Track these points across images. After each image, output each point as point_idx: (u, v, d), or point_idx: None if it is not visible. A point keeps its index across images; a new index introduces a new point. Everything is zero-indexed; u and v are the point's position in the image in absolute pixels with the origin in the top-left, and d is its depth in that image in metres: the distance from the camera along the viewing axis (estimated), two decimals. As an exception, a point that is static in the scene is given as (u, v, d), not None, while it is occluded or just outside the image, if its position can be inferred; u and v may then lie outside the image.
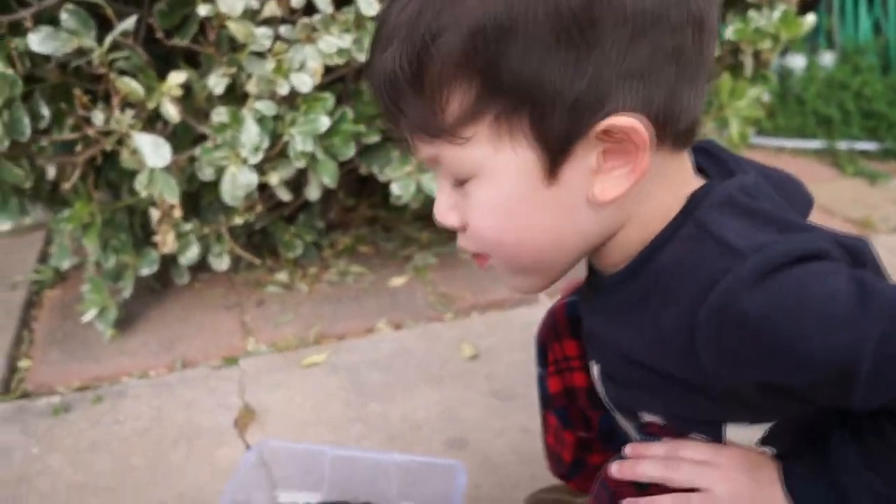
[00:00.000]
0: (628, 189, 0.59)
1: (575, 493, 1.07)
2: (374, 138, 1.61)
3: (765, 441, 0.65)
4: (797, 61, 3.16)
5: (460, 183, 0.62)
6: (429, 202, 1.80)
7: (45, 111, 1.38)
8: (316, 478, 1.07)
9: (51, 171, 1.69)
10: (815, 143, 2.85)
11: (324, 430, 1.35)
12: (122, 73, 1.34)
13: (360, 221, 2.19)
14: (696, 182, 0.64)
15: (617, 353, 0.69)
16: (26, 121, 1.31)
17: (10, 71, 1.26)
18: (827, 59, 3.14)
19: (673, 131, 0.59)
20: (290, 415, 1.39)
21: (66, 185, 1.46)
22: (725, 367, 0.57)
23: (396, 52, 0.57)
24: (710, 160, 0.68)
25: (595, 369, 0.76)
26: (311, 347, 1.61)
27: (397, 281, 1.90)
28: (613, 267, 0.67)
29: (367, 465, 1.05)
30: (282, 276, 1.91)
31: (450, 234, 2.17)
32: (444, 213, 0.65)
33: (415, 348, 1.59)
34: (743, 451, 0.65)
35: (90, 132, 1.36)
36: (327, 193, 1.89)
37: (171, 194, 1.43)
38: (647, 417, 0.71)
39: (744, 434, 0.65)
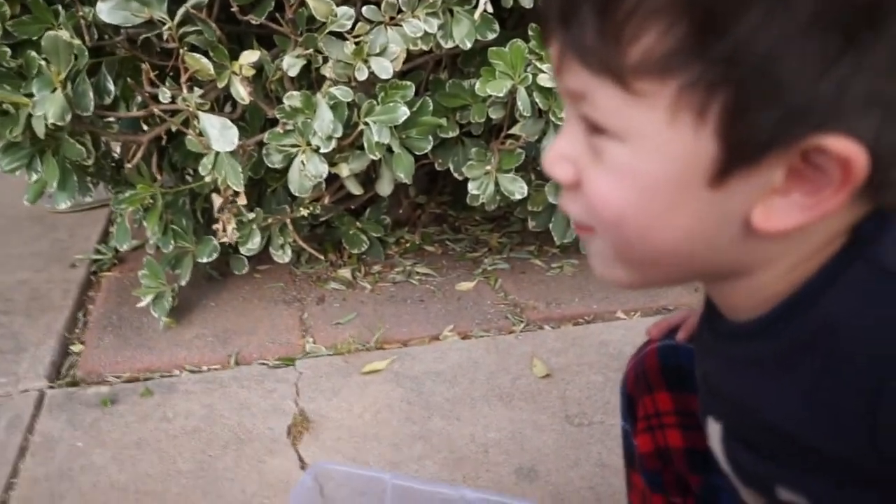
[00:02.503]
0: (797, 225, 0.46)
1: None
2: (453, 133, 1.50)
3: None
4: None
5: (596, 132, 0.48)
6: (507, 204, 1.69)
7: (111, 86, 1.30)
8: (375, 504, 0.97)
9: (115, 150, 1.64)
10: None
11: (383, 447, 1.24)
12: (193, 49, 1.26)
13: (427, 219, 2.08)
14: (854, 210, 0.49)
15: (753, 414, 0.56)
16: (91, 95, 1.24)
17: (76, 41, 1.18)
18: None
19: (880, 180, 0.46)
20: (348, 426, 1.29)
21: (129, 165, 1.39)
22: None
23: None
24: None
25: (715, 428, 0.63)
26: (372, 352, 1.51)
27: (465, 285, 1.79)
28: (748, 311, 0.54)
29: (430, 499, 0.94)
30: (345, 272, 1.82)
31: (523, 239, 2.06)
32: (555, 161, 0.51)
33: (483, 361, 1.48)
34: None
35: (156, 110, 1.28)
36: (396, 188, 1.79)
37: (235, 180, 1.34)
38: (786, 495, 0.57)
39: None
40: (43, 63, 1.21)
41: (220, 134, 1.28)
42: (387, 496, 0.94)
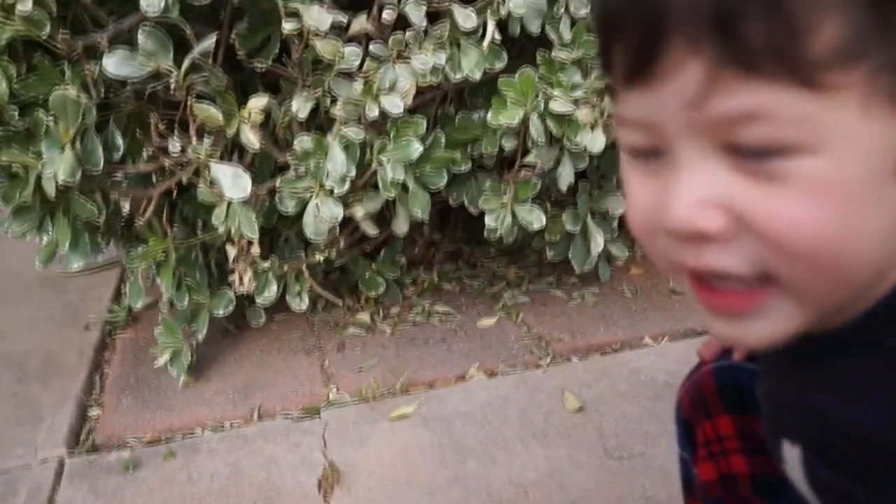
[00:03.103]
0: None
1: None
2: (466, 167, 1.47)
3: None
4: None
5: (764, 156, 0.40)
6: (523, 236, 1.65)
7: (120, 141, 1.28)
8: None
9: (125, 206, 1.62)
10: None
11: (419, 495, 1.19)
12: (200, 97, 1.24)
13: (442, 257, 2.05)
14: None
15: (844, 433, 0.51)
16: (100, 151, 1.22)
17: (84, 98, 1.17)
18: None
19: None
20: (380, 475, 1.24)
21: (141, 221, 1.36)
22: None
23: None
24: None
25: (793, 452, 0.58)
26: (398, 397, 1.46)
27: (487, 322, 1.74)
28: (832, 319, 0.49)
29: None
30: (363, 316, 1.78)
31: (541, 270, 2.03)
32: (699, 210, 0.41)
33: (513, 398, 1.43)
34: None
35: (166, 162, 1.26)
36: (410, 228, 1.76)
37: (249, 229, 1.31)
38: None
39: None
40: (51, 122, 1.19)
41: (232, 182, 1.25)
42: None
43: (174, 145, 1.26)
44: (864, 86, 0.38)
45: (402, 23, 1.27)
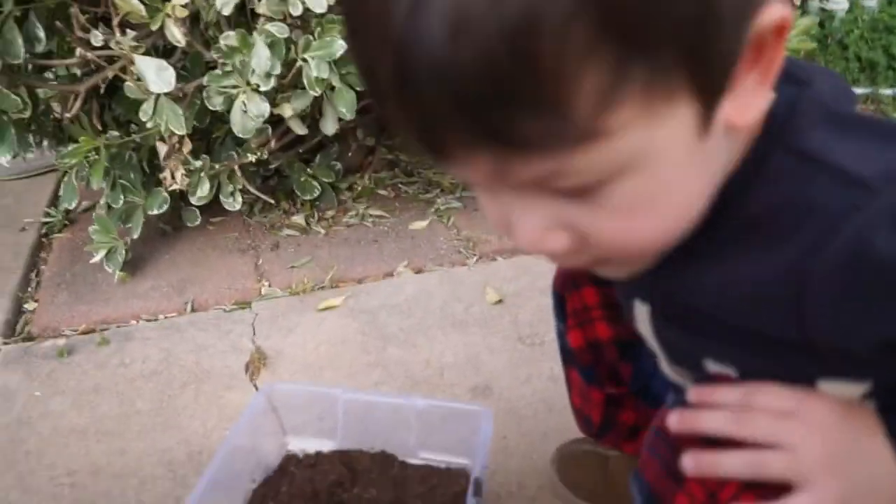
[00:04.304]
0: (764, 106, 0.45)
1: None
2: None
3: (867, 397, 0.54)
4: (839, 3, 2.97)
5: (578, 193, 0.43)
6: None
7: (41, 33, 1.28)
8: (329, 424, 0.99)
9: (56, 107, 1.61)
10: (857, 90, 2.69)
11: (340, 376, 1.27)
12: (122, -10, 1.24)
13: (379, 165, 2.09)
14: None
15: (679, 299, 0.57)
16: (20, 42, 1.22)
17: (1, -13, 1.16)
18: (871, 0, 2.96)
19: None
20: (305, 359, 1.31)
21: (69, 115, 1.37)
22: (843, 323, 0.47)
23: (476, 52, 0.35)
24: None
25: (642, 309, 0.64)
26: (327, 290, 1.53)
27: (418, 224, 1.80)
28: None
29: (384, 410, 0.97)
30: (298, 218, 1.82)
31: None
32: (544, 237, 0.46)
33: (437, 293, 1.50)
34: (833, 400, 0.53)
35: (90, 55, 1.27)
36: (344, 132, 1.79)
37: (178, 125, 1.33)
38: (714, 368, 0.59)
39: (842, 391, 0.54)
40: (-32, 12, 1.19)
41: (156, 76, 1.27)
42: (339, 409, 0.97)
43: (96, 39, 1.27)
44: (638, 107, 0.38)
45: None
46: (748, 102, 0.44)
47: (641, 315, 0.64)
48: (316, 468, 0.94)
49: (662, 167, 0.42)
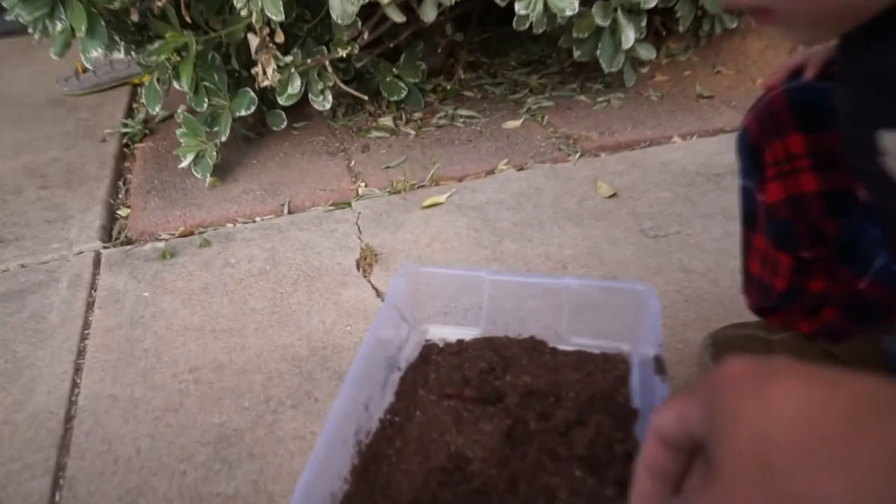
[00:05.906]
0: None
1: (771, 329, 0.90)
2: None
3: None
4: None
5: None
6: (552, 36, 1.59)
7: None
8: (471, 309, 0.93)
9: (133, 11, 1.54)
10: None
11: (459, 269, 1.20)
12: None
13: (462, 67, 1.98)
14: None
15: None
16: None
17: None
18: None
19: None
20: (419, 255, 1.25)
21: (159, 3, 1.29)
22: None
23: None
24: None
25: (894, 139, 0.55)
26: (429, 188, 1.45)
27: (512, 124, 1.71)
28: (859, 16, 0.47)
29: (532, 292, 0.89)
30: (385, 120, 1.74)
31: (563, 79, 1.97)
32: None
33: (545, 188, 1.42)
34: None
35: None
36: (431, 28, 1.69)
37: (275, 10, 1.25)
38: None
39: None
40: None
41: (253, -47, 1.18)
42: (485, 292, 0.90)
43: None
44: None
45: None
46: None
47: (894, 146, 0.55)
48: (461, 355, 0.88)
49: None
